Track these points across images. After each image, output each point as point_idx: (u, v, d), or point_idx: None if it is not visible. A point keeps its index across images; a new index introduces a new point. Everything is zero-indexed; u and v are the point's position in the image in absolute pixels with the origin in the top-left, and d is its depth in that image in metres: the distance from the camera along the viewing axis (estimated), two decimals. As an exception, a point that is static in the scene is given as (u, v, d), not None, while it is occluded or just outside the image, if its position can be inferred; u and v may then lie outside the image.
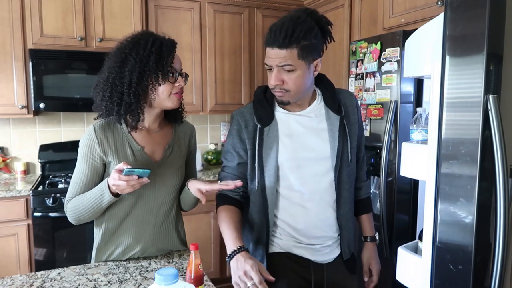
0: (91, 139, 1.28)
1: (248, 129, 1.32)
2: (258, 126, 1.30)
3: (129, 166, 1.15)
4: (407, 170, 1.35)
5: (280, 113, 1.33)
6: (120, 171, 1.15)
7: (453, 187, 1.09)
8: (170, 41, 1.28)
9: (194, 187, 1.32)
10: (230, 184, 1.23)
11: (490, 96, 1.01)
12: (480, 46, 1.01)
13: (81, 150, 1.30)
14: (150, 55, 1.22)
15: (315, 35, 1.22)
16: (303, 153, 1.30)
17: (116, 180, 1.14)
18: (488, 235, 1.09)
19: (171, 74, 1.27)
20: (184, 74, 1.32)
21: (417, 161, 1.29)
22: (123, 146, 1.31)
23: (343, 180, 1.33)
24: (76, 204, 1.28)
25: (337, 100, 1.34)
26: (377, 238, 1.49)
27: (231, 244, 1.21)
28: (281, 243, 1.35)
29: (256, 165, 1.30)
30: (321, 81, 1.38)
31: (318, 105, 1.35)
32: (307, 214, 1.31)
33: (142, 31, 1.30)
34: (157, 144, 1.37)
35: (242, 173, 1.36)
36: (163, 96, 1.28)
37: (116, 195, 1.23)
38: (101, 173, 1.32)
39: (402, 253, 1.35)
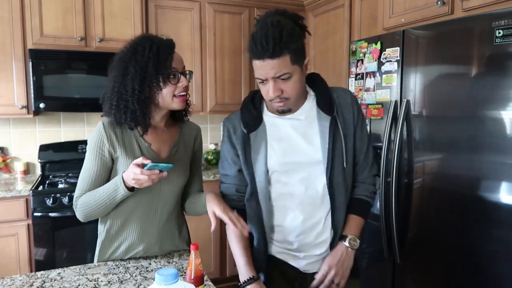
0: (101, 134, 1.30)
1: (237, 135, 1.29)
2: (244, 131, 1.27)
3: (149, 161, 1.16)
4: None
5: (269, 117, 1.29)
6: (139, 165, 1.16)
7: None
8: (168, 42, 1.28)
9: (211, 208, 1.26)
10: (245, 228, 1.19)
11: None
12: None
13: (90, 146, 1.32)
14: (148, 61, 1.23)
15: (299, 35, 1.17)
16: (293, 158, 1.25)
17: (138, 174, 1.16)
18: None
19: (172, 76, 1.27)
20: (188, 72, 1.33)
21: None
22: (131, 143, 1.33)
23: (337, 184, 1.25)
24: (87, 200, 1.29)
25: (328, 100, 1.26)
26: (354, 242, 1.27)
27: (243, 271, 1.24)
28: (277, 250, 1.33)
29: (246, 170, 1.28)
30: (314, 81, 1.32)
31: (310, 106, 1.28)
32: (297, 219, 1.26)
33: (141, 36, 1.31)
34: (164, 142, 1.39)
35: (242, 180, 1.32)
36: (167, 98, 1.29)
37: (130, 189, 1.24)
38: (110, 168, 1.33)
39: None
